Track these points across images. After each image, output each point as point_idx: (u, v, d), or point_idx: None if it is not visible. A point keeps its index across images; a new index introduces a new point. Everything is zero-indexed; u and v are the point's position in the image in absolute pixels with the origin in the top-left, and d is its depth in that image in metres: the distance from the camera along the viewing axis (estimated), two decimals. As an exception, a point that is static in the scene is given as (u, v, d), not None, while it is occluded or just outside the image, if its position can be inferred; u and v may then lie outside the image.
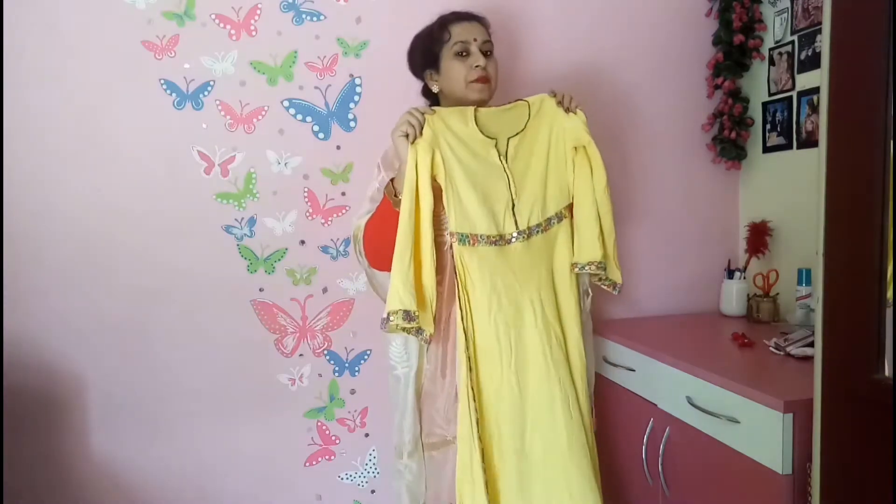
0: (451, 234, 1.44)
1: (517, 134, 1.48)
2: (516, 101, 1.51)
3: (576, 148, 1.50)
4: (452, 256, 1.45)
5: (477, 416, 1.42)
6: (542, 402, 1.44)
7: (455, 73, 1.49)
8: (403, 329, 1.38)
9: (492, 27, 1.56)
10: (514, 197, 1.46)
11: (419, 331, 1.40)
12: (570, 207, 1.53)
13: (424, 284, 1.41)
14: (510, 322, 1.44)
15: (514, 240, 1.45)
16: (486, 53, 1.51)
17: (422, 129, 1.41)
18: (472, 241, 1.43)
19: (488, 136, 1.46)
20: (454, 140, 1.44)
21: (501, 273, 1.44)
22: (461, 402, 1.44)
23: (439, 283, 1.46)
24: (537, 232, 1.48)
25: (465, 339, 1.43)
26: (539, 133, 1.51)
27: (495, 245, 1.44)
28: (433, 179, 1.42)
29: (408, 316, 1.35)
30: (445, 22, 1.52)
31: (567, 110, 1.50)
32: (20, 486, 1.73)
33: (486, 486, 1.40)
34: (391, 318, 1.35)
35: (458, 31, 1.49)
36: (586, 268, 1.49)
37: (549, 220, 1.49)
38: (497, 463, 1.43)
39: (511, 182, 1.46)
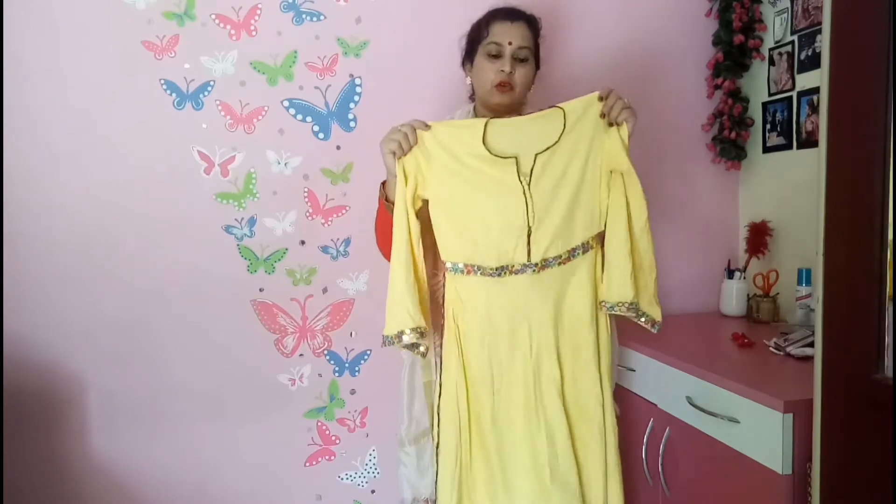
0: (442, 263, 1.36)
1: (548, 148, 1.30)
2: (550, 107, 1.32)
3: (612, 171, 1.32)
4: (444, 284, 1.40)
5: (458, 428, 1.40)
6: (525, 452, 1.36)
7: (482, 73, 1.44)
8: (406, 346, 1.33)
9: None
10: (531, 224, 1.30)
11: (415, 346, 1.35)
12: (600, 236, 1.36)
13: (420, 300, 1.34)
14: (500, 354, 1.37)
15: (521, 271, 1.32)
16: (520, 59, 1.42)
17: (411, 145, 1.30)
18: (465, 271, 1.34)
19: (502, 157, 1.29)
20: (453, 160, 1.30)
21: (498, 304, 1.34)
22: (439, 425, 1.43)
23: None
24: (554, 264, 1.33)
25: (452, 368, 1.40)
26: (578, 146, 1.31)
27: (494, 276, 1.32)
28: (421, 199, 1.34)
29: (419, 332, 1.31)
30: (489, 17, 1.47)
31: (610, 124, 1.31)
32: (20, 486, 1.73)
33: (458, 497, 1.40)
34: (405, 335, 1.30)
35: (496, 31, 1.43)
36: (615, 308, 1.34)
37: (572, 250, 1.33)
38: (479, 476, 1.40)
39: (530, 207, 1.30)
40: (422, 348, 1.36)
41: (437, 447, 1.44)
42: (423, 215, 1.35)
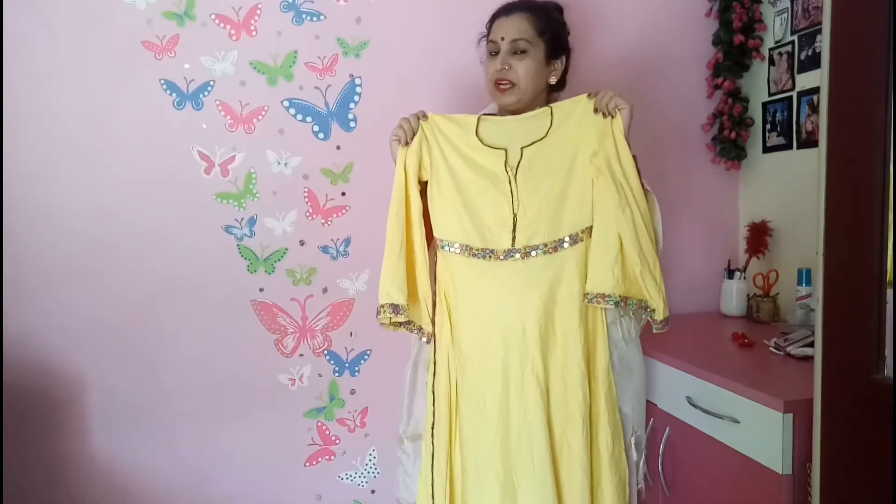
0: (434, 239, 1.44)
1: (535, 143, 1.37)
2: (544, 106, 1.41)
3: (599, 167, 1.33)
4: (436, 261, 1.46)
5: (448, 420, 1.42)
6: (496, 442, 1.37)
7: (486, 74, 1.45)
8: (397, 324, 1.41)
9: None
10: (516, 211, 1.36)
11: (420, 329, 1.44)
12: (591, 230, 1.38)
13: (418, 283, 1.42)
14: (480, 334, 1.39)
15: (506, 257, 1.36)
16: (518, 52, 1.38)
17: (414, 133, 1.41)
18: (454, 249, 1.40)
19: (493, 147, 1.39)
20: (448, 147, 1.41)
21: (482, 288, 1.39)
22: (434, 404, 1.45)
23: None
24: (541, 252, 1.35)
25: (444, 342, 1.43)
26: (563, 142, 1.37)
27: (480, 258, 1.37)
28: (421, 182, 1.43)
29: (395, 309, 1.37)
30: (492, 17, 1.46)
31: (605, 115, 1.33)
32: (20, 486, 1.73)
33: (448, 491, 1.41)
34: (380, 311, 1.38)
35: (494, 28, 1.43)
36: (595, 300, 1.33)
37: (560, 241, 1.36)
38: (466, 466, 1.41)
39: (515, 196, 1.36)
40: (424, 332, 1.43)
41: (433, 427, 1.44)
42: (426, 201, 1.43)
